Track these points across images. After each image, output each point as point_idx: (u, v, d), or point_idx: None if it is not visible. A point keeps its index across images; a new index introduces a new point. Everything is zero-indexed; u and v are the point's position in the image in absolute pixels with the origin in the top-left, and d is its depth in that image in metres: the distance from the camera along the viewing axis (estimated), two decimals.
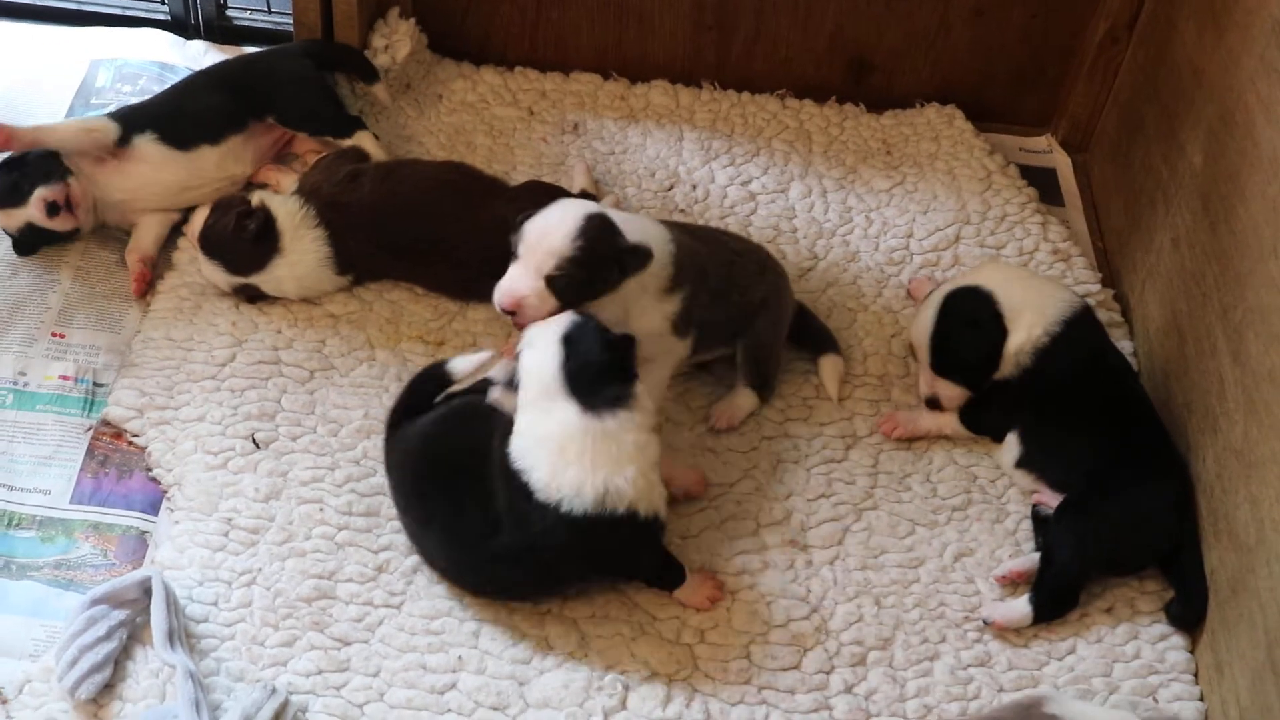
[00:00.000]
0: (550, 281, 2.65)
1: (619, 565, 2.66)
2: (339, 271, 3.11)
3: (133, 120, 3.19)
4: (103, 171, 3.16)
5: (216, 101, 3.27)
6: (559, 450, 2.50)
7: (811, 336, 3.11)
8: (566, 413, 2.50)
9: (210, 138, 3.22)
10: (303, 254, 3.06)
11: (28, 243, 3.17)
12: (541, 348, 2.55)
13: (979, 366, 2.92)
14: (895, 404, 3.06)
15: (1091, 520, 2.76)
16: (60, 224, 3.11)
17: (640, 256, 2.72)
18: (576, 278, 2.65)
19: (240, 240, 3.03)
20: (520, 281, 2.66)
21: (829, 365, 3.08)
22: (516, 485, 2.52)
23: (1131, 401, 2.93)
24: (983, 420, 2.97)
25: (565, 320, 2.58)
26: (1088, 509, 2.78)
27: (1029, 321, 2.88)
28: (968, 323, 2.92)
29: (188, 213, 3.20)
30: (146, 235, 3.19)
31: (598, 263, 2.66)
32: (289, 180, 3.25)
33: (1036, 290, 2.96)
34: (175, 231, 3.23)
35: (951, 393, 2.97)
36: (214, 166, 3.23)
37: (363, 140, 3.32)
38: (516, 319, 2.68)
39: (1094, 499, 2.79)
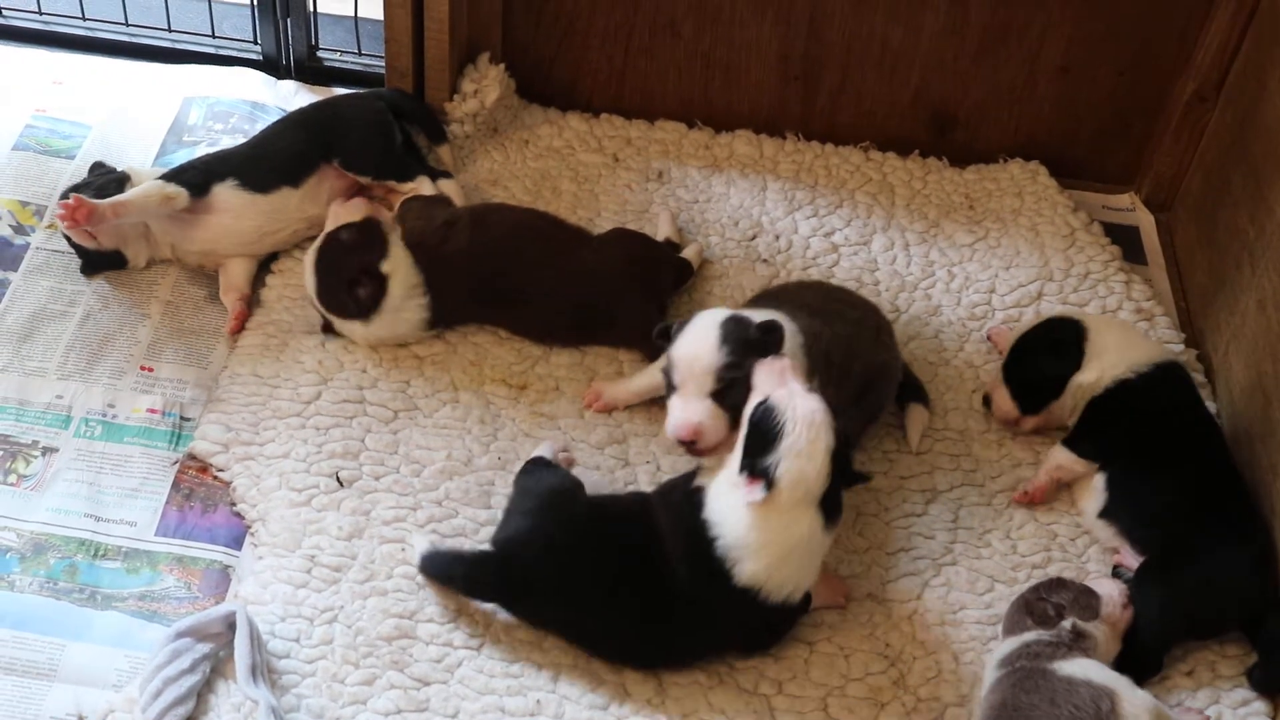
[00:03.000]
0: (717, 397, 2.66)
1: (767, 639, 2.71)
2: (429, 328, 3.12)
3: (211, 171, 3.21)
4: (180, 223, 3.19)
5: (293, 144, 3.30)
6: (782, 556, 2.53)
7: (902, 386, 3.08)
8: (810, 524, 2.52)
9: (290, 180, 3.24)
10: (404, 315, 3.07)
11: (84, 259, 3.22)
12: (811, 456, 2.52)
13: (1039, 385, 3.01)
14: (976, 459, 3.05)
15: (1173, 585, 2.73)
16: (75, 234, 3.15)
17: (776, 333, 2.69)
18: (739, 382, 2.63)
19: (348, 296, 3.05)
20: (690, 410, 2.66)
21: (914, 414, 3.08)
22: (715, 568, 2.54)
23: (1218, 462, 2.92)
24: (1083, 444, 2.97)
25: (829, 427, 2.54)
26: (1169, 573, 2.75)
27: (1110, 362, 2.94)
28: (1051, 342, 3.01)
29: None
30: (238, 274, 3.22)
31: (748, 357, 2.64)
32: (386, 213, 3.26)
33: (1130, 337, 3.05)
34: (263, 269, 3.27)
35: (1003, 401, 3.05)
36: (294, 208, 3.25)
37: (424, 185, 3.32)
38: (696, 448, 2.68)
39: (1175, 562, 2.76)
